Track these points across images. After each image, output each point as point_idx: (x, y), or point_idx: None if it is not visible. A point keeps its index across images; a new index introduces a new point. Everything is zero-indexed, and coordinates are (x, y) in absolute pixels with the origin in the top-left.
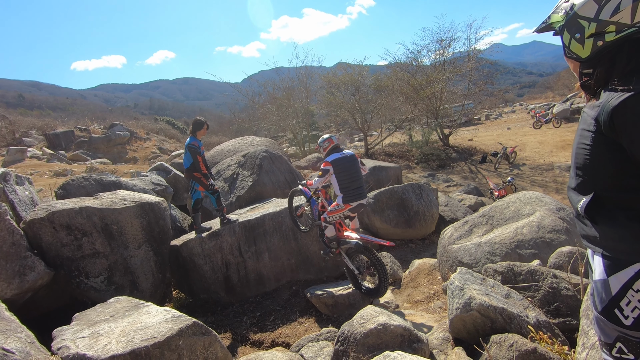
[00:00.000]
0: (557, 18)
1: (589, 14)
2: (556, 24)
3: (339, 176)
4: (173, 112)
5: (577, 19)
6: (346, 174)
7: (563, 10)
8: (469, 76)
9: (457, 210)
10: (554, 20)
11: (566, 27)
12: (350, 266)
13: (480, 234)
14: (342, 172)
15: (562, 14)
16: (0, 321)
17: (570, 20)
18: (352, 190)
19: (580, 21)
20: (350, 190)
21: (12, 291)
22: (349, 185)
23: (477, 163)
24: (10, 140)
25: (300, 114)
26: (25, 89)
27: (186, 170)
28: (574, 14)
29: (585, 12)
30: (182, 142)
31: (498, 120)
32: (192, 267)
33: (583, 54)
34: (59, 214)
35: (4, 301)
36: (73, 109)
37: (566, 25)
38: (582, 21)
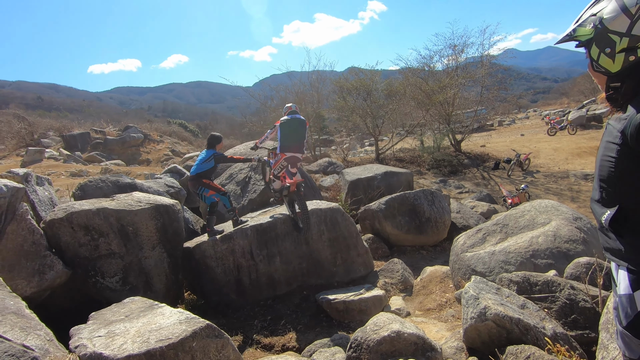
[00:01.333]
0: (585, 31)
1: (620, 29)
2: (582, 37)
3: (282, 131)
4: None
5: (607, 34)
6: (288, 131)
7: (591, 24)
8: (482, 82)
9: (469, 218)
10: (581, 34)
11: (595, 41)
12: (289, 212)
13: (494, 243)
14: (285, 130)
15: (590, 28)
16: (21, 318)
17: (599, 34)
18: (289, 144)
19: (611, 36)
20: (287, 144)
21: (31, 289)
22: (287, 139)
23: (490, 170)
24: (29, 141)
25: (312, 119)
26: (44, 91)
27: (196, 176)
28: (603, 28)
29: (617, 27)
30: (193, 144)
31: (511, 126)
32: (204, 269)
33: (613, 68)
34: (77, 215)
35: (23, 299)
36: (89, 111)
37: (595, 40)
38: (613, 36)
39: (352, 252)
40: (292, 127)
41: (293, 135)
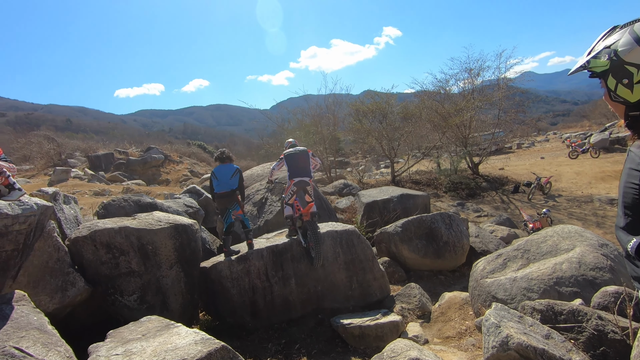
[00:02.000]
0: (600, 63)
1: (637, 61)
2: (597, 69)
3: (288, 162)
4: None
5: (623, 65)
6: (293, 161)
7: (606, 55)
8: (499, 105)
9: (488, 242)
10: (595, 65)
11: (611, 73)
12: (302, 242)
13: (516, 269)
14: (291, 159)
15: (605, 60)
16: (43, 334)
17: (615, 66)
18: (295, 170)
19: (628, 67)
20: (294, 170)
21: (54, 305)
22: (294, 166)
23: (509, 193)
24: (57, 161)
25: (328, 141)
26: (73, 114)
27: (231, 192)
28: (619, 60)
29: (633, 59)
30: (212, 165)
31: (530, 149)
32: (220, 290)
33: (632, 98)
34: (100, 233)
35: (46, 315)
36: (114, 132)
37: (611, 71)
38: (630, 67)
39: (368, 275)
40: (296, 156)
41: (299, 163)
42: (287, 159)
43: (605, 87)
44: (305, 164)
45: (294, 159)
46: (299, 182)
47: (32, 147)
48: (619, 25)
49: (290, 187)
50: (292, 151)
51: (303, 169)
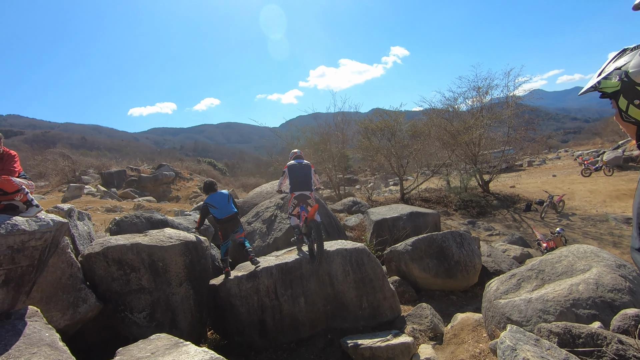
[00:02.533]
0: (611, 84)
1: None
2: (608, 89)
3: (290, 175)
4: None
5: (634, 86)
6: (295, 174)
7: (616, 77)
8: (508, 122)
9: (501, 262)
10: (607, 86)
11: (622, 93)
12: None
13: (530, 289)
14: (292, 173)
15: (616, 81)
16: (54, 351)
17: (627, 87)
18: (297, 183)
19: (639, 88)
20: (295, 184)
21: (65, 322)
22: (295, 180)
23: (521, 211)
24: (71, 177)
25: (336, 158)
26: (88, 132)
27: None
28: (630, 82)
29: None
30: (221, 182)
31: (542, 167)
32: (229, 308)
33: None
34: (112, 249)
35: (57, 331)
36: (127, 150)
37: (622, 92)
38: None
39: (379, 294)
40: (298, 170)
41: (300, 177)
42: (290, 172)
43: (617, 108)
44: (306, 178)
45: (296, 173)
46: (299, 195)
47: (48, 164)
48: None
49: (291, 200)
50: (294, 163)
51: (304, 183)
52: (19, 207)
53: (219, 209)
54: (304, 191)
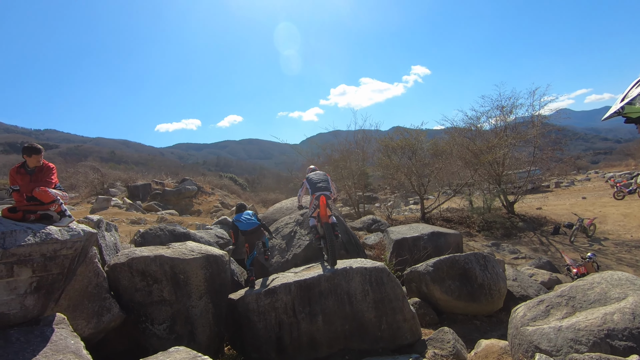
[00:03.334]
0: (635, 109)
1: None
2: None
3: (309, 182)
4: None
5: None
6: (314, 180)
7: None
8: (534, 142)
9: (528, 287)
10: (631, 111)
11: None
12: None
13: (560, 317)
14: (311, 180)
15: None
16: (79, 358)
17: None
18: (317, 187)
19: None
20: (315, 187)
21: (89, 330)
22: (314, 185)
23: (549, 234)
24: (100, 190)
25: (356, 176)
26: (117, 147)
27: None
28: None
29: None
30: (241, 197)
31: (570, 188)
32: (246, 324)
33: None
34: (137, 260)
35: (81, 339)
36: (153, 164)
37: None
38: None
39: (398, 316)
40: (316, 176)
41: (319, 182)
42: (308, 180)
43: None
44: (325, 183)
45: (314, 179)
46: (318, 196)
47: (79, 176)
48: None
49: (312, 202)
50: (312, 175)
51: (323, 187)
52: (53, 216)
53: (244, 223)
54: (323, 192)
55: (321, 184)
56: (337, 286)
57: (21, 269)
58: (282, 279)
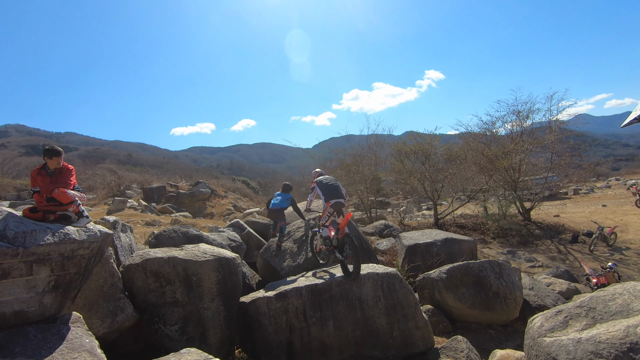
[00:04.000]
0: None
1: None
2: None
3: (321, 187)
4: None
5: None
6: (326, 186)
7: None
8: (551, 148)
9: (545, 296)
10: None
11: None
12: (339, 256)
13: (579, 329)
14: (323, 185)
15: None
16: (93, 357)
17: None
18: (331, 193)
19: None
20: (329, 193)
21: (104, 329)
22: (328, 190)
23: (567, 243)
24: (116, 191)
25: (368, 180)
26: (134, 149)
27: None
28: None
29: None
30: (254, 201)
31: (589, 195)
32: (257, 327)
33: None
34: (151, 262)
35: (96, 338)
36: (168, 167)
37: None
38: None
39: (410, 323)
40: (328, 181)
41: (332, 187)
42: (320, 186)
43: None
44: (338, 188)
45: (327, 184)
46: (335, 203)
47: (97, 178)
48: None
49: (327, 210)
50: (322, 178)
51: (337, 192)
52: (72, 217)
53: (274, 201)
54: (339, 199)
55: (334, 190)
56: (348, 291)
57: (40, 267)
58: (294, 284)
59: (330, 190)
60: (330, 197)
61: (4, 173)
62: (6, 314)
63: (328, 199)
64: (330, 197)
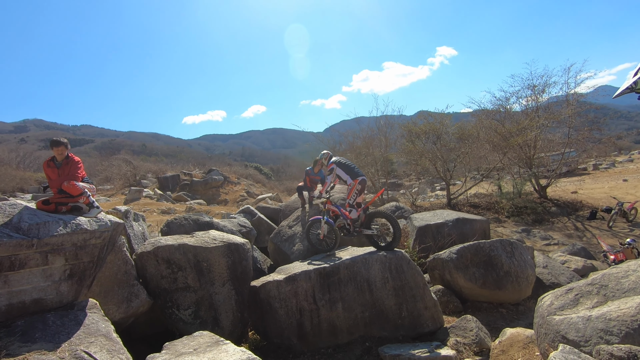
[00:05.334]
0: None
1: None
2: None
3: (343, 168)
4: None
5: None
6: (346, 165)
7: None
8: (568, 122)
9: (559, 274)
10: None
11: None
12: (369, 232)
13: (590, 306)
14: (344, 165)
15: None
16: (109, 341)
17: None
18: (354, 171)
19: None
20: (353, 172)
21: (119, 315)
22: (350, 169)
23: (585, 219)
24: (132, 181)
25: (379, 162)
26: (147, 140)
27: None
28: None
29: None
30: (266, 186)
31: (610, 170)
32: (268, 310)
33: None
34: (162, 249)
35: (112, 323)
36: (181, 156)
37: None
38: None
39: (419, 303)
40: (345, 161)
41: (351, 166)
42: (341, 166)
43: None
44: (355, 167)
45: (347, 165)
46: (362, 180)
47: (113, 169)
48: None
49: (355, 187)
50: (339, 159)
51: (358, 170)
52: (83, 208)
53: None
54: (363, 176)
55: (355, 168)
56: (356, 274)
57: (55, 257)
58: (303, 267)
59: (351, 168)
60: (355, 175)
61: (25, 167)
62: (26, 301)
63: (354, 177)
64: (356, 175)
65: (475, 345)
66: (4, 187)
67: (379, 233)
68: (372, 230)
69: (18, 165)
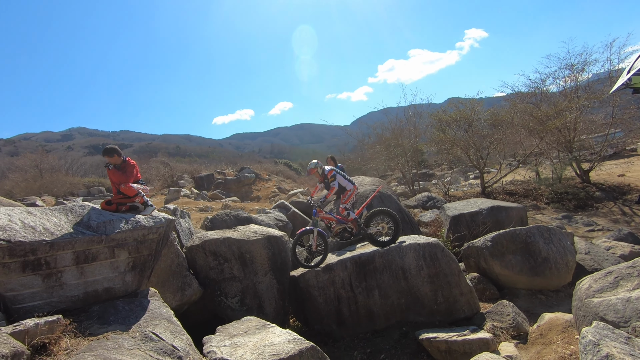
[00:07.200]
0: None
1: None
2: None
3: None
4: (290, 155)
5: None
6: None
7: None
8: (612, 101)
9: (602, 260)
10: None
11: None
12: (369, 231)
13: (630, 288)
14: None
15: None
16: (171, 324)
17: None
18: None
19: None
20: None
21: (175, 302)
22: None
23: (633, 204)
24: (170, 182)
25: (409, 153)
26: (181, 141)
27: None
28: None
29: None
30: (297, 182)
31: None
32: (308, 298)
33: None
34: (209, 242)
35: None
36: (213, 156)
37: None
38: None
39: (455, 290)
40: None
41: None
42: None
43: None
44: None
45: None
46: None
47: (152, 171)
48: None
49: (354, 193)
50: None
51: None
52: (139, 207)
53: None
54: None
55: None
56: (391, 262)
57: (120, 251)
58: (339, 257)
59: (348, 177)
60: (353, 182)
61: (73, 172)
62: (98, 290)
63: (353, 183)
64: (353, 182)
65: (513, 329)
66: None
67: (382, 230)
68: (373, 229)
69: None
